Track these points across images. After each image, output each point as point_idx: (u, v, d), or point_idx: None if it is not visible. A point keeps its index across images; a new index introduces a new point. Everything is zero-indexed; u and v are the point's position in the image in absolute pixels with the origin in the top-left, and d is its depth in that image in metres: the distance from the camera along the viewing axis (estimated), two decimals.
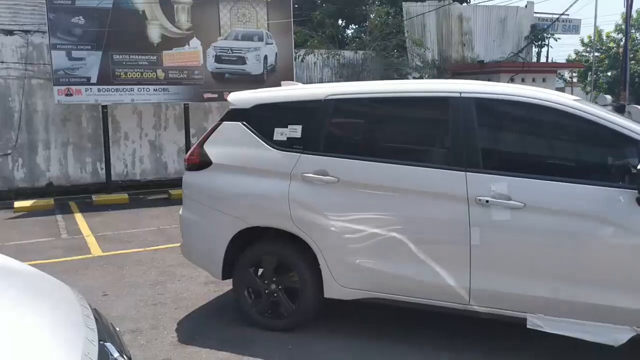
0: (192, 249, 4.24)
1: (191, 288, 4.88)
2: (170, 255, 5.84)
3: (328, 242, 3.65)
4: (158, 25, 10.21)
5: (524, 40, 16.99)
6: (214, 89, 10.61)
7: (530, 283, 3.23)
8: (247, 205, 3.88)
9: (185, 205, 4.22)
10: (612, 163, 3.23)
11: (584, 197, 3.11)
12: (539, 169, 3.32)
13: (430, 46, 15.58)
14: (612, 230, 3.05)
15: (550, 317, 3.21)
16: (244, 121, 4.00)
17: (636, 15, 31.04)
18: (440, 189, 3.40)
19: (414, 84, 4.23)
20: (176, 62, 10.43)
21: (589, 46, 29.32)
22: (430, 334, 3.82)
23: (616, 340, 3.08)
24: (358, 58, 14.79)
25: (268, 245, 3.96)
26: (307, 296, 3.78)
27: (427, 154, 3.67)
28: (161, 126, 11.68)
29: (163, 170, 11.68)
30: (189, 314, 4.29)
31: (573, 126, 3.32)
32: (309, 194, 3.70)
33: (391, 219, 3.50)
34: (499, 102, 3.48)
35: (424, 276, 3.44)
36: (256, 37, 11.20)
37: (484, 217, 3.27)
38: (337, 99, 3.85)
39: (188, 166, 4.19)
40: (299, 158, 3.76)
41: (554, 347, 3.51)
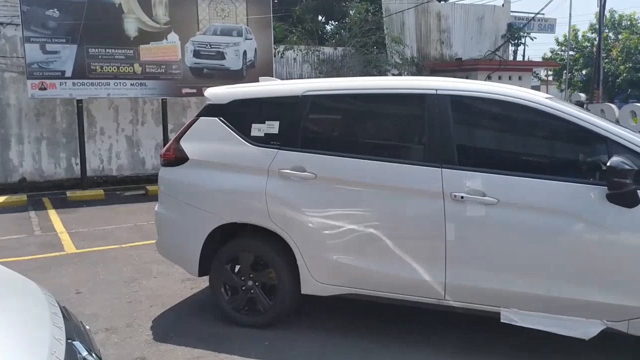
0: (168, 246, 4.20)
1: (167, 285, 4.83)
2: (147, 252, 5.77)
3: (305, 238, 3.65)
4: (135, 18, 10.05)
5: (500, 38, 17.20)
6: (193, 84, 10.49)
7: (504, 278, 3.27)
8: (224, 201, 3.86)
9: (161, 202, 4.17)
10: (584, 160, 3.29)
11: (556, 193, 3.16)
12: (512, 165, 3.37)
13: (409, 43, 15.67)
14: (583, 225, 3.11)
15: (523, 311, 3.26)
16: (221, 117, 3.97)
17: (609, 15, 31.70)
18: (417, 185, 3.43)
19: (390, 81, 4.25)
20: (154, 57, 10.29)
21: (564, 45, 29.83)
22: (409, 329, 3.85)
23: (587, 334, 3.14)
24: (337, 54, 14.80)
25: (245, 241, 3.94)
26: (284, 292, 3.78)
27: (404, 151, 3.70)
28: (138, 121, 11.53)
29: (140, 165, 11.53)
30: (165, 311, 4.25)
31: (545, 123, 3.37)
32: (286, 190, 3.70)
33: (368, 215, 3.52)
34: (473, 100, 3.52)
35: (400, 271, 3.46)
36: (235, 32, 11.12)
37: (459, 212, 3.30)
38: (314, 95, 3.84)
39: (164, 162, 4.15)
40: (277, 154, 3.75)
41: (528, 342, 3.57)
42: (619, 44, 30.84)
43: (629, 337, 3.11)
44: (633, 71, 28.94)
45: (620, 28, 32.37)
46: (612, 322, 3.10)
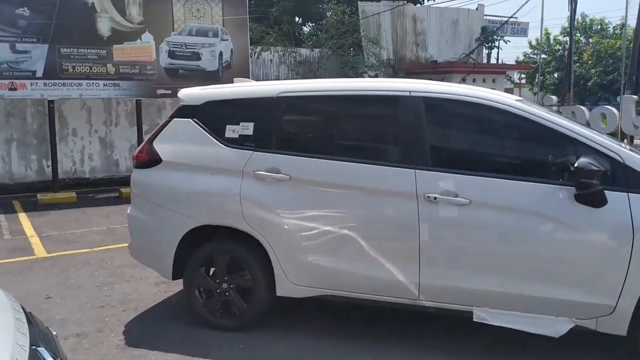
0: (141, 249, 4.15)
1: (140, 289, 4.76)
2: (120, 255, 5.67)
3: (280, 240, 3.64)
4: (108, 18, 9.89)
5: (475, 41, 17.46)
6: (168, 84, 10.36)
7: (477, 277, 3.31)
8: (198, 203, 3.82)
9: (134, 204, 4.11)
10: (553, 161, 3.35)
11: (526, 194, 3.22)
12: (484, 166, 3.41)
13: (385, 45, 15.79)
14: (552, 225, 3.17)
15: (495, 310, 3.31)
16: (194, 118, 3.93)
17: (581, 20, 32.45)
18: (391, 187, 3.45)
19: (365, 83, 4.27)
20: (127, 57, 10.14)
21: (537, 49, 30.40)
22: (385, 329, 3.87)
23: (557, 332, 3.20)
24: (314, 56, 14.82)
25: (219, 243, 3.90)
26: (259, 295, 3.76)
27: (378, 152, 3.71)
28: (112, 122, 11.35)
29: (114, 167, 11.35)
30: (138, 315, 4.19)
31: (516, 125, 3.42)
32: (260, 191, 3.68)
33: (342, 217, 3.53)
34: (446, 102, 3.56)
35: (374, 272, 3.48)
36: (211, 32, 11.04)
37: (433, 213, 3.33)
38: (289, 96, 3.84)
39: (137, 163, 4.09)
40: (251, 155, 3.73)
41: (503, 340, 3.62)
42: (589, 47, 31.61)
43: (598, 334, 3.17)
44: (603, 74, 29.69)
45: (591, 32, 33.19)
46: (580, 320, 3.16)
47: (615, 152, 3.14)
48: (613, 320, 3.10)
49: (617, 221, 3.03)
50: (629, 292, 3.04)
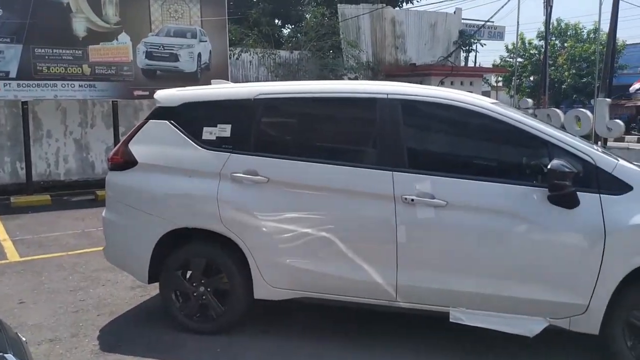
0: (116, 253, 4.09)
1: (116, 293, 4.69)
2: (95, 259, 5.58)
3: (258, 243, 3.62)
4: (84, 18, 9.75)
5: (452, 44, 17.65)
6: (145, 85, 10.25)
7: (453, 278, 3.34)
8: (175, 206, 3.78)
9: (109, 207, 4.05)
10: (527, 163, 3.40)
11: (501, 195, 3.26)
12: (460, 168, 3.45)
13: (364, 48, 15.86)
14: (526, 226, 3.21)
15: (471, 310, 3.34)
16: (171, 120, 3.89)
17: (556, 24, 33.07)
18: (369, 189, 3.46)
19: (342, 85, 4.28)
20: (103, 57, 10.01)
21: (513, 52, 30.87)
22: (363, 331, 3.88)
23: (532, 331, 3.25)
24: (294, 58, 14.81)
25: (196, 246, 3.87)
26: (236, 298, 3.73)
27: (356, 154, 3.71)
28: (88, 124, 11.18)
29: (90, 170, 11.18)
30: (113, 320, 4.12)
31: (491, 128, 3.46)
32: (238, 194, 3.66)
33: (320, 219, 3.53)
34: (423, 104, 3.58)
35: (352, 274, 3.48)
36: (189, 33, 10.95)
37: (410, 215, 3.35)
38: (267, 98, 3.83)
39: (112, 166, 4.03)
40: (229, 158, 3.71)
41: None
42: (564, 51, 32.23)
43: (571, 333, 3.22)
44: (577, 77, 30.31)
45: (566, 36, 33.83)
46: (554, 320, 3.21)
47: (587, 154, 3.20)
48: (586, 319, 3.15)
49: (589, 222, 3.09)
50: (601, 291, 3.10)
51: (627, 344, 3.13)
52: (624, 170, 3.18)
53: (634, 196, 3.09)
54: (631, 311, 3.12)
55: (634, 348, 3.12)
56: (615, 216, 3.06)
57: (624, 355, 3.14)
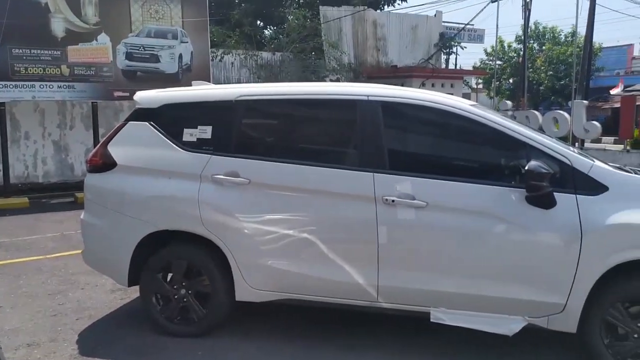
0: (96, 256, 4.04)
1: (95, 297, 4.63)
2: (74, 262, 5.50)
3: (239, 245, 3.61)
4: (62, 18, 9.64)
5: (433, 47, 17.82)
6: (125, 87, 10.16)
7: (434, 278, 3.37)
8: (155, 208, 3.75)
9: (88, 209, 4.01)
10: (505, 164, 3.45)
11: (480, 196, 3.30)
12: (440, 169, 3.48)
13: (346, 50, 15.92)
14: (505, 226, 3.26)
15: (452, 310, 3.37)
16: (151, 121, 3.86)
17: (534, 27, 33.61)
18: (350, 190, 3.47)
19: (323, 87, 4.29)
20: (83, 58, 9.90)
21: (492, 55, 31.27)
22: (345, 332, 3.89)
23: (511, 330, 3.29)
24: (276, 59, 14.81)
25: (177, 249, 3.84)
26: (218, 300, 3.71)
27: (337, 156, 3.73)
28: (67, 125, 11.04)
29: (69, 172, 11.03)
30: (93, 323, 4.07)
31: (470, 129, 3.50)
32: (219, 195, 3.64)
33: (302, 220, 3.53)
34: (403, 106, 3.61)
35: (334, 275, 3.49)
36: (170, 34, 10.89)
37: (391, 216, 3.37)
38: (248, 99, 3.82)
39: (90, 168, 3.99)
40: (210, 159, 3.69)
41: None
42: (542, 54, 32.75)
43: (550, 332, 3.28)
44: (555, 79, 30.84)
45: (544, 39, 34.40)
46: (533, 318, 3.25)
47: (564, 156, 3.26)
48: (563, 318, 3.20)
49: (565, 222, 3.15)
50: (578, 290, 3.15)
51: (604, 342, 3.19)
52: (599, 171, 3.24)
53: (610, 196, 3.15)
54: (608, 309, 3.17)
55: (611, 346, 3.18)
56: (591, 216, 3.12)
57: (601, 352, 3.20)
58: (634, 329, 3.13)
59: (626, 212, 3.09)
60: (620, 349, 3.17)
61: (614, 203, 3.13)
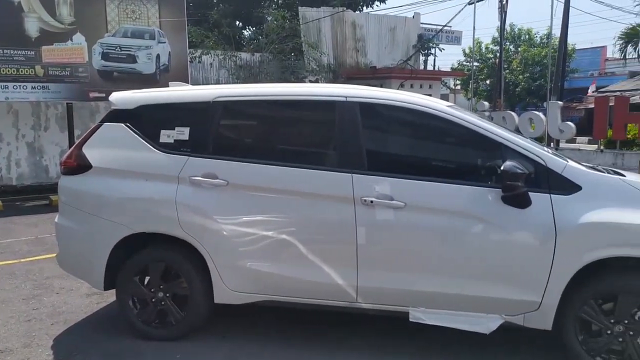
0: (70, 260, 3.97)
1: (71, 301, 4.55)
2: (49, 266, 5.40)
3: (218, 246, 3.59)
4: (36, 18, 9.46)
5: (412, 48, 17.95)
6: (101, 87, 10.01)
7: (413, 278, 3.39)
8: (131, 210, 3.70)
9: (62, 212, 3.94)
10: (482, 164, 3.48)
11: (458, 196, 3.33)
12: (418, 170, 3.50)
13: (326, 51, 15.94)
14: (482, 226, 3.29)
15: (430, 310, 3.40)
16: (127, 122, 3.82)
17: (510, 29, 34.11)
18: (328, 191, 3.47)
19: (302, 88, 4.29)
20: (57, 58, 9.73)
21: (470, 56, 31.63)
22: (326, 333, 3.89)
23: (488, 328, 3.32)
24: (255, 60, 14.75)
25: (154, 251, 3.79)
26: (196, 303, 3.68)
27: (316, 157, 3.73)
28: (41, 127, 10.83)
29: (43, 174, 10.82)
30: (68, 328, 4.00)
31: (447, 130, 3.54)
32: (197, 197, 3.61)
33: (281, 221, 3.52)
34: (381, 107, 3.63)
35: (313, 276, 3.49)
36: (147, 34, 10.76)
37: (369, 216, 3.39)
38: (226, 101, 3.80)
39: (64, 170, 3.92)
40: (187, 161, 3.66)
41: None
42: (518, 56, 33.26)
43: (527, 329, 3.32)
44: (531, 81, 31.34)
45: (520, 41, 34.94)
46: (509, 316, 3.30)
47: (538, 156, 3.31)
48: (539, 315, 3.25)
49: (540, 221, 3.19)
50: (553, 288, 3.20)
51: (578, 339, 3.24)
52: (573, 170, 3.30)
53: (583, 196, 3.21)
54: (582, 307, 3.22)
55: (585, 342, 3.23)
56: (565, 215, 3.17)
57: (575, 349, 3.25)
58: (607, 326, 3.19)
59: (599, 211, 3.15)
60: (594, 345, 3.23)
61: (587, 202, 3.19)
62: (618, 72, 30.42)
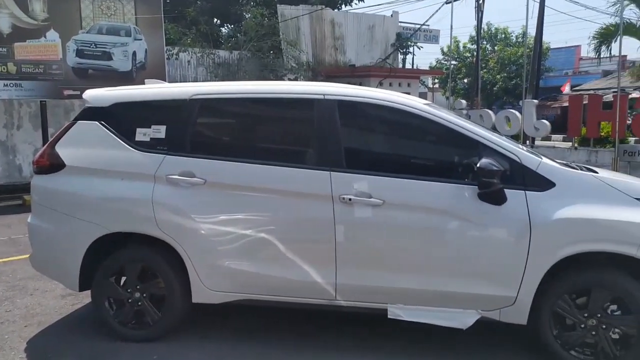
0: (44, 260, 3.89)
1: (45, 302, 4.46)
2: (23, 267, 5.29)
3: (195, 246, 3.55)
4: (8, 14, 9.23)
5: (390, 47, 18.03)
6: (76, 85, 9.82)
7: (391, 275, 3.41)
8: (106, 210, 3.64)
9: (35, 212, 3.85)
10: (459, 162, 3.51)
11: (435, 194, 3.36)
12: (396, 167, 3.52)
13: (304, 49, 15.91)
14: (458, 223, 3.32)
15: (408, 306, 3.42)
16: (101, 120, 3.75)
17: (487, 28, 34.51)
18: (307, 189, 3.47)
19: (280, 86, 4.27)
20: (31, 55, 9.52)
21: (448, 55, 31.91)
22: (307, 332, 3.88)
23: (465, 324, 3.36)
24: (234, 58, 14.64)
25: (131, 251, 3.75)
26: (174, 303, 3.64)
27: (294, 155, 3.71)
28: (14, 125, 10.60)
29: (16, 173, 10.59)
30: (42, 330, 3.92)
31: (423, 128, 3.56)
32: (174, 196, 3.57)
33: (259, 220, 3.51)
34: (359, 105, 3.63)
35: (292, 275, 3.48)
36: (123, 31, 10.60)
37: (348, 214, 3.39)
38: (203, 98, 3.76)
39: (37, 169, 3.84)
40: (164, 159, 3.61)
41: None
42: (495, 55, 33.67)
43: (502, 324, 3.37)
44: (508, 80, 31.75)
45: (496, 40, 35.37)
46: (485, 312, 3.34)
47: (513, 153, 3.35)
48: (514, 310, 3.30)
49: (515, 217, 3.24)
50: (527, 283, 3.25)
51: (552, 333, 3.30)
52: (547, 167, 3.35)
53: (557, 192, 3.26)
54: (556, 301, 3.28)
55: (560, 336, 3.30)
56: (539, 211, 3.22)
57: (550, 343, 3.31)
58: (580, 320, 3.26)
59: (572, 207, 3.21)
60: (568, 338, 3.29)
61: (560, 199, 3.24)
62: (592, 71, 31.05)
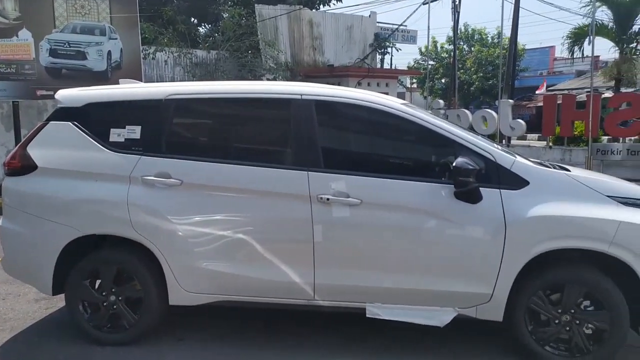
0: (16, 264, 3.80)
1: (18, 307, 4.36)
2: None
3: (172, 247, 3.52)
4: None
5: (368, 47, 18.12)
6: (50, 85, 9.62)
7: (369, 275, 3.42)
8: (80, 212, 3.58)
9: (6, 215, 3.76)
10: (435, 161, 3.55)
11: (412, 193, 3.38)
12: (373, 167, 3.54)
13: (283, 49, 15.87)
14: (435, 221, 3.35)
15: (387, 305, 3.44)
16: (74, 121, 3.69)
17: (464, 29, 34.91)
18: (284, 189, 3.46)
19: (257, 86, 4.25)
20: (2, 55, 9.34)
21: (426, 55, 32.17)
22: (287, 333, 3.87)
23: (442, 321, 3.40)
24: (211, 58, 14.53)
25: (106, 253, 3.69)
26: (150, 305, 3.60)
27: (271, 155, 3.70)
28: None
29: None
30: (15, 335, 3.84)
31: (401, 127, 3.59)
32: (150, 197, 3.53)
33: (236, 220, 3.48)
34: (336, 104, 3.64)
35: (270, 275, 3.47)
36: (98, 30, 10.43)
37: (326, 214, 3.39)
38: (178, 98, 3.72)
39: (8, 171, 3.75)
40: (139, 160, 3.57)
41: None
42: (472, 55, 34.08)
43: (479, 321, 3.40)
44: (484, 80, 32.16)
45: (473, 41, 35.79)
46: (462, 309, 3.38)
47: (487, 152, 3.39)
48: (490, 307, 3.35)
49: (491, 215, 3.28)
50: (503, 280, 3.30)
51: (528, 329, 3.36)
52: (520, 166, 3.40)
53: (530, 190, 3.32)
54: (531, 297, 3.34)
55: (535, 332, 3.36)
56: (514, 209, 3.27)
57: (525, 339, 3.37)
58: (554, 315, 3.32)
59: (545, 205, 3.27)
60: (543, 334, 3.35)
61: (534, 197, 3.30)
62: (566, 71, 31.65)
